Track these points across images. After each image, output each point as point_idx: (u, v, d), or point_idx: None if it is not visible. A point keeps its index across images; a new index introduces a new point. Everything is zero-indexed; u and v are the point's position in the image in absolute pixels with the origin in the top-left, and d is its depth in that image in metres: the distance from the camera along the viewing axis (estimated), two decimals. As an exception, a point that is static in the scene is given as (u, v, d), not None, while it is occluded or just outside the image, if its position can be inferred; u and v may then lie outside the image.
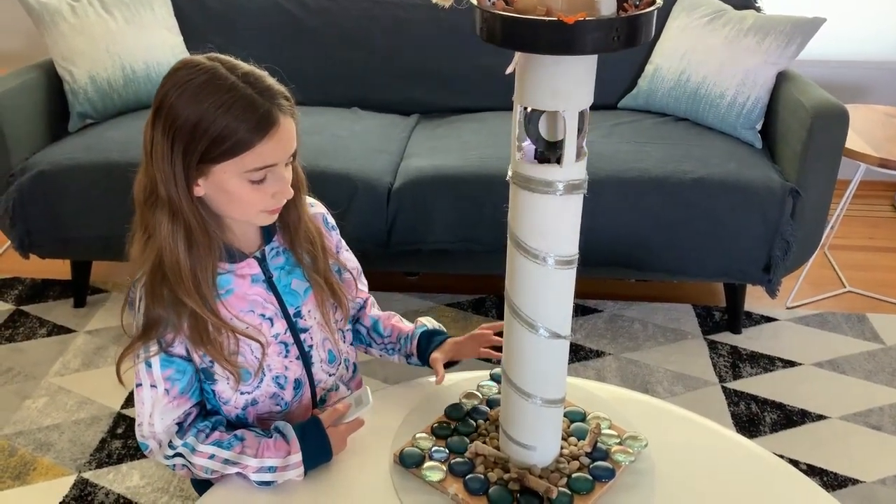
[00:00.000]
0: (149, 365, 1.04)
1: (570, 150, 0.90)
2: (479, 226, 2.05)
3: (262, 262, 1.10)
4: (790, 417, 1.91)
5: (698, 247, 2.04)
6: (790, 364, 2.11)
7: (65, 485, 1.71)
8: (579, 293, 0.98)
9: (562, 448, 1.07)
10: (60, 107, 2.31)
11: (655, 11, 0.84)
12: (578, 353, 2.14)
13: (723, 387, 2.02)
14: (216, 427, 1.09)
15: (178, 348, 1.04)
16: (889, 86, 2.92)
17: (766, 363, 2.11)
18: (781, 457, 1.17)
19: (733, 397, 1.98)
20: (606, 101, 2.43)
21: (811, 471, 1.75)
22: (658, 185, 1.99)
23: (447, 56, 2.49)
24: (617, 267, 2.12)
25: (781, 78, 2.17)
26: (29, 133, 2.20)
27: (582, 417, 1.13)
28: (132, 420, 1.90)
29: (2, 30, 3.06)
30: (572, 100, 0.88)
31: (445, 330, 1.31)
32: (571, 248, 0.97)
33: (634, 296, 2.40)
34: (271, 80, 1.06)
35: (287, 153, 1.04)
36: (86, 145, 2.18)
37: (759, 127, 2.20)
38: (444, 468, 1.03)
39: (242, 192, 1.00)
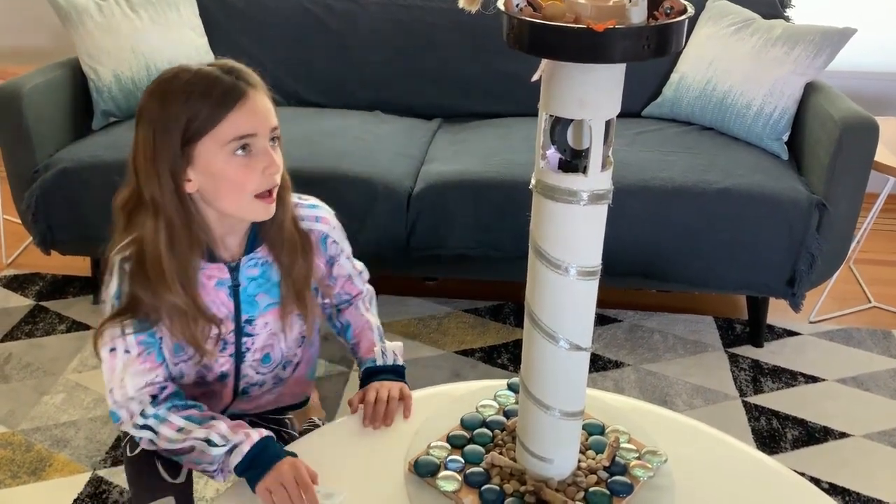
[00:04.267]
0: (123, 332, 1.06)
1: (595, 160, 0.89)
2: (499, 232, 2.03)
3: (234, 270, 1.12)
4: (812, 434, 1.88)
5: (721, 259, 2.01)
6: (813, 379, 2.07)
7: (80, 482, 1.71)
8: (599, 302, 0.97)
9: (579, 461, 1.05)
10: (85, 104, 2.33)
11: (686, 20, 0.82)
12: (597, 364, 2.12)
13: (743, 401, 1.98)
14: (192, 407, 1.10)
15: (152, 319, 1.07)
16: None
17: (788, 378, 2.07)
18: (802, 475, 1.14)
19: (754, 412, 1.95)
20: (630, 108, 2.41)
21: (833, 490, 1.72)
22: (682, 195, 1.97)
23: (471, 60, 2.48)
24: (638, 277, 2.09)
25: (810, 89, 2.14)
26: (54, 130, 2.22)
27: (600, 430, 1.11)
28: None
29: (30, 27, 3.09)
30: (600, 109, 0.87)
31: (395, 363, 1.26)
32: (594, 258, 0.95)
33: (655, 306, 2.37)
34: (239, 64, 1.07)
35: (265, 125, 1.04)
36: (109, 143, 2.19)
37: (785, 138, 2.16)
38: (460, 479, 1.02)
39: (229, 169, 1.02)
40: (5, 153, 2.18)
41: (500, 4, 0.86)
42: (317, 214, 1.20)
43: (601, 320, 2.29)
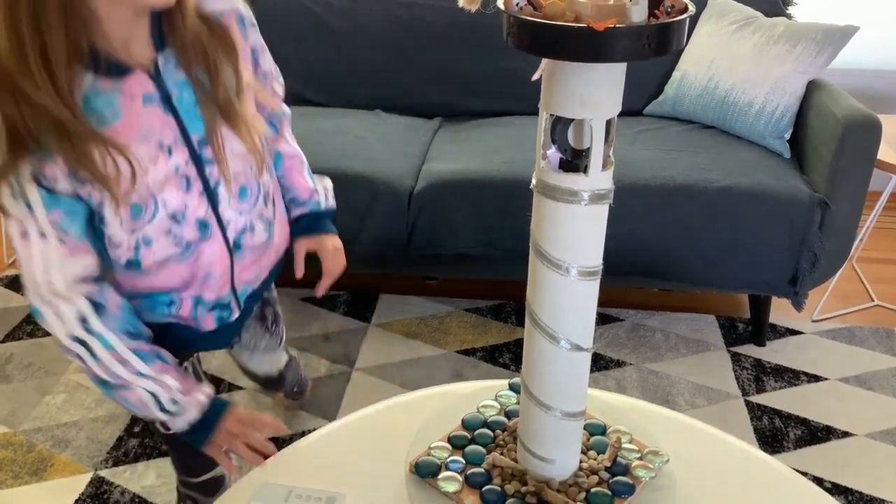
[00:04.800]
0: (29, 206, 0.87)
1: (596, 160, 0.88)
2: (500, 231, 2.03)
3: (155, 76, 0.91)
4: (815, 433, 1.87)
5: (723, 257, 2.01)
6: (815, 378, 2.06)
7: (81, 482, 1.72)
8: (601, 301, 0.96)
9: (581, 462, 1.05)
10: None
11: (687, 20, 0.82)
12: (599, 363, 2.11)
13: (746, 400, 1.98)
14: (139, 338, 0.98)
15: (63, 183, 0.87)
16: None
17: (791, 377, 2.07)
18: (805, 474, 1.14)
19: (756, 411, 1.94)
20: (632, 107, 2.40)
21: (835, 489, 1.72)
22: (683, 194, 1.96)
23: (472, 59, 2.47)
24: (640, 276, 2.09)
25: (812, 87, 2.13)
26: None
27: (602, 431, 1.11)
28: (149, 419, 1.90)
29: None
30: (600, 108, 0.86)
31: (333, 209, 1.22)
32: (595, 258, 0.95)
33: (657, 305, 2.37)
34: None
35: None
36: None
37: (787, 136, 2.16)
38: (461, 479, 1.01)
39: None
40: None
41: (500, 4, 0.86)
42: None
43: (603, 319, 2.29)
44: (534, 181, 0.94)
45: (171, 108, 0.93)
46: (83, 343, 0.95)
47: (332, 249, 1.19)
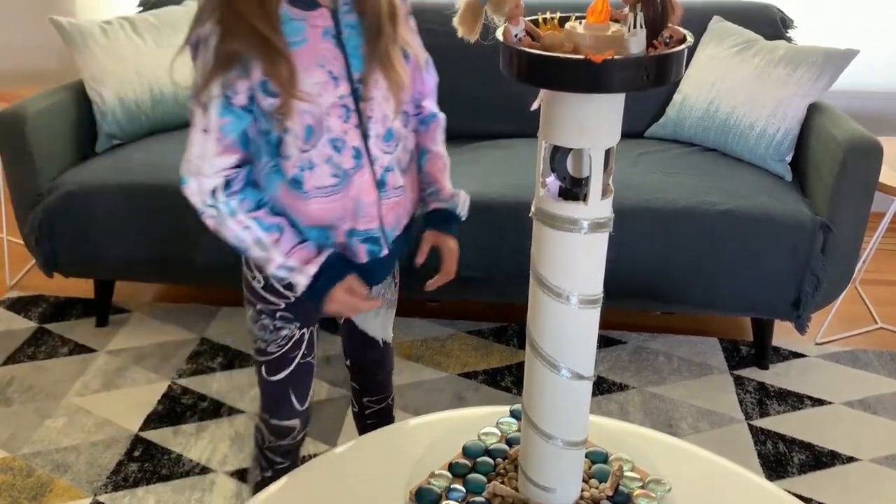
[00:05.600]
0: (205, 108, 1.05)
1: (595, 188, 0.89)
2: (501, 254, 2.02)
3: (334, 15, 1.08)
4: (819, 459, 1.86)
5: (725, 280, 2.00)
6: (820, 402, 2.05)
7: (80, 507, 1.71)
8: (602, 324, 0.96)
9: (582, 490, 1.04)
10: (89, 127, 2.34)
11: (685, 50, 0.82)
12: (601, 386, 2.10)
13: (749, 424, 1.97)
14: (261, 206, 1.12)
15: (241, 97, 1.05)
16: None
17: (795, 401, 2.06)
18: (809, 500, 1.13)
19: (760, 436, 1.93)
20: (633, 129, 2.41)
21: (841, 515, 1.70)
22: (685, 217, 1.96)
23: (471, 81, 2.47)
24: (642, 299, 2.08)
25: (813, 110, 2.14)
26: (58, 153, 2.23)
27: (604, 459, 1.10)
28: (150, 443, 1.89)
29: (34, 50, 3.11)
30: (599, 138, 0.86)
31: (462, 219, 1.33)
32: (596, 287, 0.95)
33: (659, 328, 2.36)
34: None
35: None
36: (113, 166, 2.20)
37: (789, 159, 2.16)
38: (461, 509, 1.01)
39: None
40: (9, 176, 2.19)
41: (499, 34, 0.86)
42: None
43: (605, 342, 2.28)
44: (533, 209, 0.94)
45: (340, 44, 1.09)
46: (215, 208, 1.10)
47: (454, 251, 1.33)
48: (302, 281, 1.13)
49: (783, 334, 2.26)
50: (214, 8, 1.03)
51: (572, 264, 0.93)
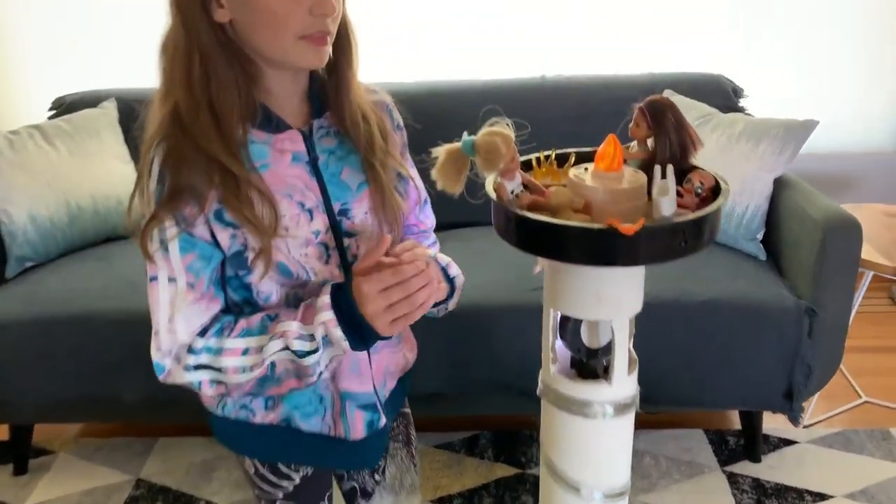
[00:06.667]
0: (165, 249, 0.86)
1: (620, 364, 0.72)
2: (471, 365, 1.84)
3: (307, 139, 0.93)
4: (833, 567, 1.71)
5: (712, 375, 1.86)
6: (821, 497, 1.91)
7: None
8: None
9: None
10: (-3, 250, 2.09)
11: (722, 205, 0.67)
12: (588, 499, 1.91)
13: (753, 531, 1.81)
14: (238, 319, 0.90)
15: (201, 229, 0.87)
16: (876, 177, 2.83)
17: (794, 497, 1.91)
18: None
19: (766, 544, 1.77)
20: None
21: None
22: (665, 311, 1.82)
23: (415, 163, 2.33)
24: (625, 402, 1.92)
25: (778, 184, 2.04)
26: (-40, 284, 1.97)
27: None
28: None
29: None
30: (622, 307, 0.70)
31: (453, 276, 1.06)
32: (622, 477, 0.77)
33: (641, 423, 2.17)
34: None
35: None
36: (25, 295, 1.95)
37: (760, 237, 2.05)
38: None
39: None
40: None
41: (490, 189, 0.70)
42: (372, 89, 1.02)
43: (585, 444, 2.10)
44: (540, 385, 0.77)
45: (316, 171, 0.93)
46: (203, 367, 0.88)
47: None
48: (335, 334, 0.85)
49: (769, 419, 2.13)
50: (162, 132, 0.86)
51: (594, 454, 0.75)
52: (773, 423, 2.14)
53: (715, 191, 0.68)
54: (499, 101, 1.85)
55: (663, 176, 0.64)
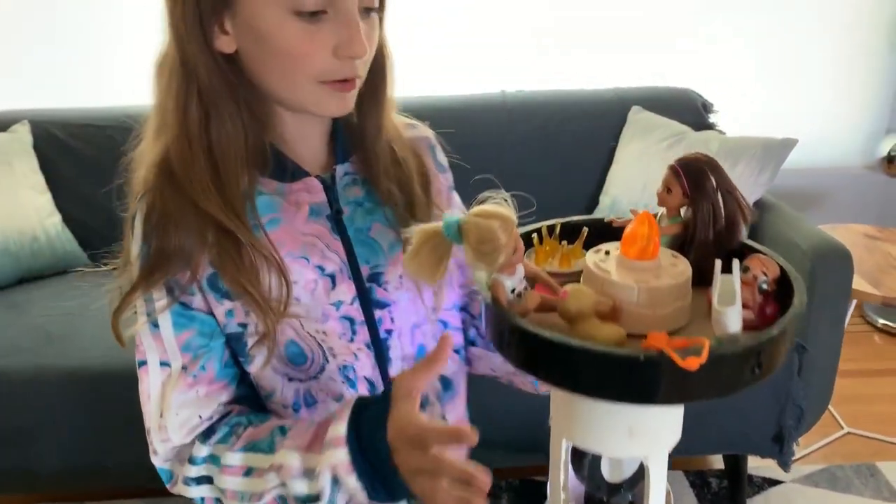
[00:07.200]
0: (155, 325, 0.70)
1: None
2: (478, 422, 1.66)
3: (328, 188, 0.75)
4: None
5: (698, 420, 1.70)
6: (813, 545, 1.78)
7: None
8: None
9: None
10: None
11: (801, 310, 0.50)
12: (565, 557, 1.75)
13: (745, 589, 1.66)
14: (252, 422, 0.72)
15: (198, 300, 0.70)
16: (846, 193, 2.74)
17: (786, 546, 1.78)
18: None
19: None
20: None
21: None
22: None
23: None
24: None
25: (759, 207, 1.91)
26: None
27: None
28: None
29: None
30: (661, 441, 0.53)
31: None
32: None
33: (616, 465, 2.04)
34: None
35: None
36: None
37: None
38: None
39: (285, 33, 0.65)
40: None
41: (485, 291, 0.52)
42: (411, 122, 0.84)
43: None
44: (547, 526, 0.59)
45: (340, 228, 0.75)
46: (205, 480, 0.70)
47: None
48: (341, 472, 0.63)
49: (751, 458, 1.99)
50: (147, 185, 0.69)
51: None
52: (756, 462, 2.00)
53: (779, 281, 0.51)
54: (456, 120, 1.68)
55: (723, 269, 0.46)
